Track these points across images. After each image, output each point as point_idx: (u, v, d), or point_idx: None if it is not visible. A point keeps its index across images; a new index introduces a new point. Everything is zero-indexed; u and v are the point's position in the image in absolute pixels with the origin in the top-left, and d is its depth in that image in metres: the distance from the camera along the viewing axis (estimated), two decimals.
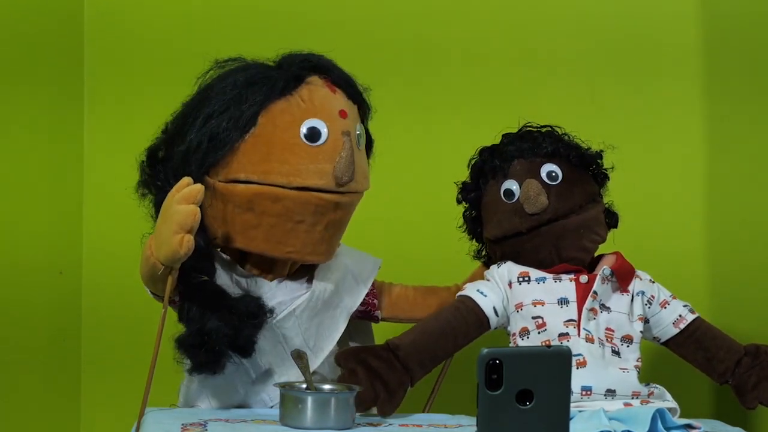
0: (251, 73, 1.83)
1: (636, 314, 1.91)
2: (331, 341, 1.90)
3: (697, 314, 1.95)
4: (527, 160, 1.92)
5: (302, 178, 1.78)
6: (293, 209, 1.79)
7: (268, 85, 1.81)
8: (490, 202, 1.94)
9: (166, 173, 1.82)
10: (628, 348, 1.87)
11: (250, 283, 1.86)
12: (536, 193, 1.88)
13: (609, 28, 2.45)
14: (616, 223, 1.99)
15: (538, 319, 1.86)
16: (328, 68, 1.87)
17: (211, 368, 1.77)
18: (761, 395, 1.92)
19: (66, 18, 2.49)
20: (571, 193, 1.90)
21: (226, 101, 1.80)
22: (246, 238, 1.82)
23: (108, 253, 2.48)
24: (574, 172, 1.93)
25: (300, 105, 1.81)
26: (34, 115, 2.44)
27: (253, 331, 1.78)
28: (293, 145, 1.79)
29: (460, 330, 1.88)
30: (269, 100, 1.80)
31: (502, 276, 1.91)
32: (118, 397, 2.45)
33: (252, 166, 1.79)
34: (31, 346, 2.43)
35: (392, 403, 1.81)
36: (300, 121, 1.80)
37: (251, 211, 1.80)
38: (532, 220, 1.88)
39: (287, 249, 1.82)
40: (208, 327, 1.74)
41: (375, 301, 2.00)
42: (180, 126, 1.84)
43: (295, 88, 1.82)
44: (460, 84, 2.46)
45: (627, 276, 1.91)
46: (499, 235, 1.92)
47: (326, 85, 1.85)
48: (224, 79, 1.84)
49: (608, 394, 1.80)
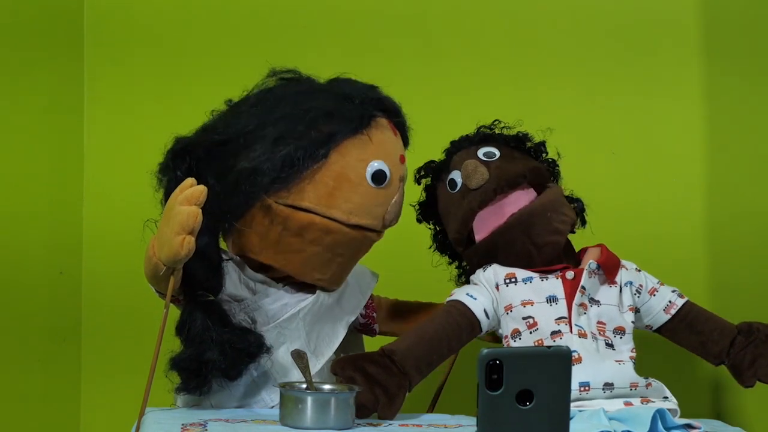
0: (323, 102, 1.84)
1: (626, 305, 1.91)
2: (331, 348, 1.92)
3: (686, 298, 1.96)
4: (464, 151, 1.95)
5: (359, 217, 1.83)
6: (340, 243, 1.84)
7: (342, 121, 1.83)
8: (443, 205, 1.97)
9: (192, 167, 1.81)
10: (621, 339, 1.87)
11: (258, 286, 1.88)
12: (474, 167, 1.90)
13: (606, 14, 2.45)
14: (583, 208, 2.01)
15: (528, 320, 1.86)
16: (395, 112, 1.90)
17: (199, 392, 1.80)
18: (758, 372, 1.93)
19: (66, 12, 2.50)
20: (510, 165, 1.92)
21: (300, 128, 1.81)
22: (284, 260, 1.85)
23: (108, 253, 2.48)
24: (513, 152, 1.95)
25: (369, 145, 1.84)
26: (33, 114, 2.44)
27: (249, 366, 1.81)
28: (358, 185, 1.83)
29: (453, 334, 1.88)
30: (343, 135, 1.83)
31: (489, 279, 1.91)
32: (118, 397, 2.45)
33: (317, 198, 1.81)
34: (31, 346, 2.43)
35: (393, 407, 1.81)
36: (368, 161, 1.83)
37: (300, 237, 1.83)
38: (480, 194, 1.90)
39: (318, 276, 1.87)
40: (205, 357, 1.76)
41: (375, 314, 2.04)
42: (238, 135, 1.82)
43: (365, 127, 1.85)
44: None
45: (613, 268, 1.92)
46: (461, 228, 1.93)
47: (390, 127, 1.88)
48: (293, 101, 1.84)
49: (606, 388, 1.81)
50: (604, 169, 2.43)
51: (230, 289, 1.85)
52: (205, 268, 1.77)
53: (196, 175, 1.75)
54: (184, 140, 1.84)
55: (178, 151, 1.82)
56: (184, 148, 1.83)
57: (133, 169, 1.86)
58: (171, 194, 1.74)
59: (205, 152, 1.82)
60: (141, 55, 2.50)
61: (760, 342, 1.94)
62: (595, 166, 2.42)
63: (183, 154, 1.82)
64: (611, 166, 2.44)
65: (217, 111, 1.89)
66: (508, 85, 2.46)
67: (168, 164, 1.83)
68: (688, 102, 2.44)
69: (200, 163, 1.81)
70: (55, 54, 2.48)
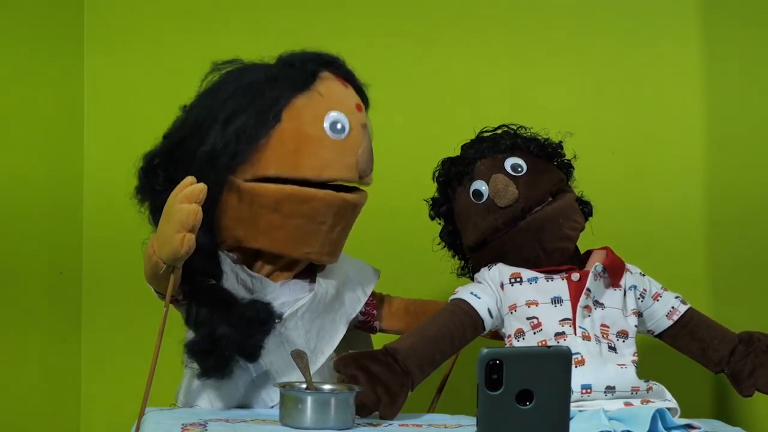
0: (267, 71, 1.85)
1: (629, 309, 1.91)
2: (331, 345, 1.91)
3: (689, 305, 1.96)
4: (489, 159, 1.93)
5: (331, 171, 1.81)
6: (319, 210, 1.82)
7: (288, 81, 1.83)
8: (463, 209, 1.95)
9: (167, 176, 1.82)
10: (624, 343, 1.87)
11: (255, 284, 1.87)
12: (504, 185, 1.89)
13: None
14: (591, 212, 2.00)
15: (533, 320, 1.86)
16: (337, 65, 1.89)
17: (220, 373, 1.78)
18: (757, 382, 1.93)
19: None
20: (538, 181, 1.91)
21: (246, 100, 1.81)
22: (269, 239, 1.84)
23: (108, 253, 2.48)
24: (538, 163, 1.94)
25: (320, 99, 1.83)
26: (34, 115, 2.44)
27: (262, 336, 1.79)
28: (320, 139, 1.81)
29: (456, 333, 1.88)
30: (291, 95, 1.82)
31: (494, 278, 1.91)
32: (118, 397, 2.45)
33: (281, 161, 1.80)
34: (31, 346, 2.43)
35: (394, 406, 1.81)
36: (323, 114, 1.82)
37: (277, 212, 1.81)
38: (506, 212, 1.89)
39: (307, 250, 1.85)
40: (218, 333, 1.75)
41: (374, 311, 2.02)
42: (191, 130, 1.83)
43: (312, 83, 1.84)
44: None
45: (618, 271, 1.92)
46: (479, 238, 1.93)
47: (338, 80, 1.87)
48: (236, 79, 1.85)
49: (608, 391, 1.80)
50: (604, 169, 2.43)
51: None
52: (202, 260, 1.76)
53: (171, 182, 1.75)
54: (149, 155, 1.86)
55: (147, 167, 1.85)
56: (150, 163, 1.84)
57: (133, 169, 1.86)
58: (155, 209, 1.78)
59: (170, 158, 1.83)
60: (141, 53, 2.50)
61: (761, 352, 1.94)
62: (595, 166, 2.41)
63: (152, 168, 1.84)
64: (611, 166, 2.44)
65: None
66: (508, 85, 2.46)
67: (143, 183, 1.85)
68: (688, 102, 2.44)
69: (169, 170, 1.82)
70: (55, 53, 2.48)
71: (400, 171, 2.37)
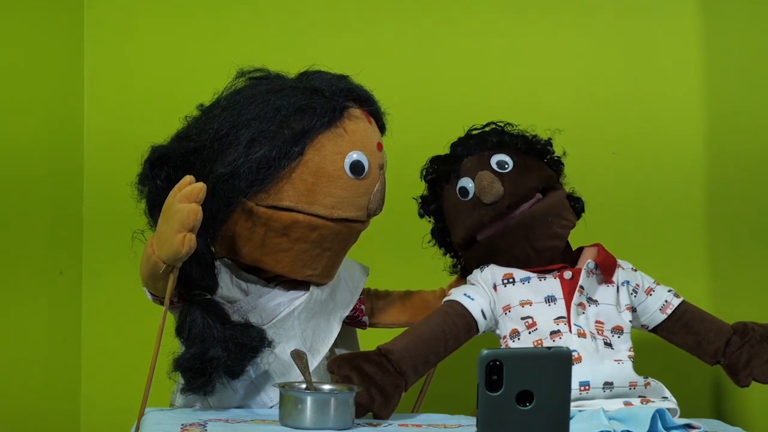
0: (294, 99, 1.82)
1: (623, 304, 1.91)
2: (327, 344, 1.92)
3: (682, 298, 1.97)
4: (476, 156, 1.94)
5: (342, 210, 1.82)
6: (326, 237, 1.83)
7: (314, 115, 1.82)
8: (450, 206, 1.96)
9: (173, 176, 1.80)
10: (620, 339, 1.88)
11: (250, 287, 1.88)
12: (489, 182, 1.89)
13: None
14: (583, 208, 2.01)
15: (527, 320, 1.87)
16: (367, 100, 1.89)
17: (203, 391, 1.79)
18: (754, 372, 1.94)
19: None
20: (525, 178, 1.92)
21: (272, 127, 1.80)
22: (273, 260, 1.84)
23: (108, 252, 2.48)
24: (525, 159, 1.95)
25: (344, 137, 1.83)
26: (33, 113, 2.44)
27: (252, 361, 1.81)
28: (337, 178, 1.82)
29: (450, 334, 1.88)
30: (317, 131, 1.82)
31: (486, 279, 1.91)
32: (118, 397, 2.45)
33: (297, 195, 1.81)
34: (31, 346, 2.43)
35: (388, 407, 1.81)
36: (345, 153, 1.82)
37: (286, 236, 1.82)
38: (493, 209, 1.90)
39: (310, 272, 1.87)
40: (209, 355, 1.76)
41: (362, 306, 2.03)
42: (211, 141, 1.81)
43: (338, 119, 1.84)
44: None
45: (611, 267, 1.92)
46: (467, 235, 1.94)
47: (364, 116, 1.87)
48: (264, 100, 1.83)
49: (606, 387, 1.81)
50: (604, 169, 2.43)
51: (223, 291, 1.85)
52: (199, 268, 1.77)
53: (175, 182, 1.74)
54: (160, 149, 1.84)
55: (155, 160, 1.82)
56: (160, 157, 1.83)
57: (133, 169, 1.86)
58: (153, 204, 1.77)
59: (181, 160, 1.82)
60: (140, 52, 2.50)
61: (756, 342, 1.95)
62: (595, 166, 2.42)
63: (160, 163, 1.82)
64: (611, 166, 2.44)
65: (190, 116, 1.89)
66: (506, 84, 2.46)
67: (147, 174, 1.83)
68: (688, 101, 2.44)
69: (177, 170, 1.81)
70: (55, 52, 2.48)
71: (400, 170, 2.37)
